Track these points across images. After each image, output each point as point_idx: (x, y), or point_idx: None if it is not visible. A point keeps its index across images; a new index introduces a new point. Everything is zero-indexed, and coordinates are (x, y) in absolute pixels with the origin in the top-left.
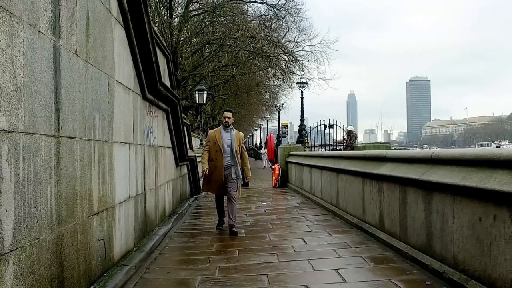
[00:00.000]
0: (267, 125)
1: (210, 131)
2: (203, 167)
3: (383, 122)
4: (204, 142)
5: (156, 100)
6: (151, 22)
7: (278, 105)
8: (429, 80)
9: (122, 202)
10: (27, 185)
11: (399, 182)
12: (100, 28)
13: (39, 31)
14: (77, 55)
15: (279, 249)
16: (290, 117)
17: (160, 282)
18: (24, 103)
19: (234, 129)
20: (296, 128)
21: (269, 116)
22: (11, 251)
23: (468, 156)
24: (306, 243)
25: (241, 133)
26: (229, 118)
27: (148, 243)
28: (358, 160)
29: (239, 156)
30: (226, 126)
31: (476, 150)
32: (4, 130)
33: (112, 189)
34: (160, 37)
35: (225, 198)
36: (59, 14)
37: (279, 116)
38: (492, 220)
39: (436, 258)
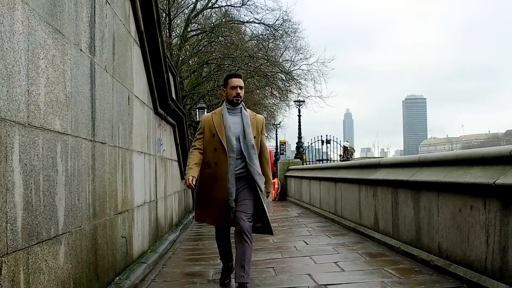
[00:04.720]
0: None
1: (204, 116)
2: (187, 174)
3: (379, 140)
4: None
5: (165, 114)
6: (164, 42)
7: (275, 123)
8: (425, 99)
9: (139, 206)
10: (73, 180)
11: (392, 185)
12: (122, 47)
13: (81, 50)
14: (106, 71)
15: (282, 248)
16: (287, 135)
17: (177, 274)
18: (71, 110)
19: (247, 109)
20: (292, 148)
21: (266, 135)
22: (63, 233)
23: (450, 156)
24: (307, 244)
25: (260, 116)
26: (241, 88)
27: (160, 246)
28: (355, 168)
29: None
30: (234, 105)
31: (457, 152)
32: (59, 132)
33: (131, 193)
34: (168, 56)
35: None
36: (94, 35)
37: (276, 134)
38: (470, 209)
39: (424, 249)
